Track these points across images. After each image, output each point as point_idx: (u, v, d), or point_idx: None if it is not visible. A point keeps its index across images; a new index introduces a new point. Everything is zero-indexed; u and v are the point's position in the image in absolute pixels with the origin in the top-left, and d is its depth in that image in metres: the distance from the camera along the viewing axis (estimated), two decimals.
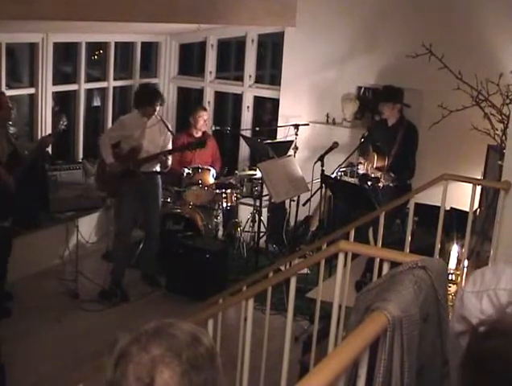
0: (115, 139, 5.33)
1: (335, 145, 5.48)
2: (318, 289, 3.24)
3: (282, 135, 6.48)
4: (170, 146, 5.49)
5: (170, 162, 5.47)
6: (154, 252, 5.60)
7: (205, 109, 6.49)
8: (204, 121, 6.34)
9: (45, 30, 5.77)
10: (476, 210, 4.59)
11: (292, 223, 6.20)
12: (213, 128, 6.87)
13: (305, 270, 5.15)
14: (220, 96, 7.58)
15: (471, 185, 3.51)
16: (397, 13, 5.87)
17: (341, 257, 2.46)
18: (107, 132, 5.62)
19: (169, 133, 5.42)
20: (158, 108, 5.29)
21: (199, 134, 6.31)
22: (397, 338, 1.66)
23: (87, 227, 6.04)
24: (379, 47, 6.00)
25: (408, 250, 3.50)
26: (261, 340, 3.02)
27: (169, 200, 6.14)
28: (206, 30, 6.89)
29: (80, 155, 6.54)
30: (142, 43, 7.09)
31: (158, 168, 5.44)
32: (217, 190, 6.04)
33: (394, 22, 5.89)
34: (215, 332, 2.98)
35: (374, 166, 5.41)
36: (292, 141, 6.12)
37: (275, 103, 6.90)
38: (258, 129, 6.78)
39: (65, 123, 5.06)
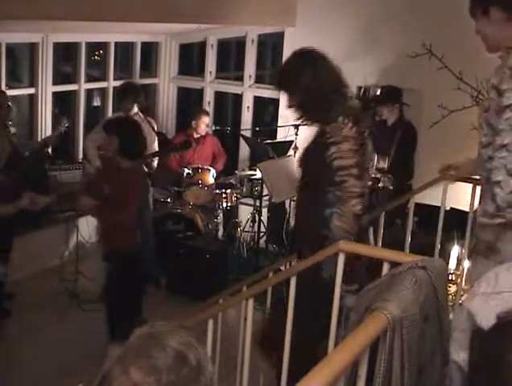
0: (98, 141, 5.33)
1: None
2: None
3: (282, 135, 6.48)
4: (156, 146, 5.49)
5: (155, 164, 5.46)
6: (151, 252, 5.57)
7: (207, 114, 6.50)
8: (206, 125, 6.36)
9: (45, 30, 5.77)
10: (477, 209, 4.58)
11: (292, 223, 6.19)
12: (213, 128, 6.88)
13: None
14: (220, 96, 7.58)
15: (471, 185, 3.51)
16: (397, 13, 5.87)
17: (341, 257, 2.46)
18: (89, 135, 5.54)
19: (154, 133, 5.41)
20: (134, 104, 5.29)
21: (198, 136, 6.32)
22: (397, 338, 1.66)
23: (87, 227, 6.03)
24: (379, 47, 6.00)
25: (408, 250, 3.50)
26: None
27: (169, 200, 6.15)
28: (206, 30, 6.89)
29: (80, 155, 6.54)
30: (142, 43, 7.09)
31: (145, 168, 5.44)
32: (217, 190, 6.04)
33: (394, 22, 5.88)
34: (215, 332, 2.98)
35: (375, 166, 5.40)
36: (292, 141, 6.12)
37: (275, 103, 6.90)
38: (258, 129, 6.78)
39: (66, 125, 5.08)
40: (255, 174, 6.19)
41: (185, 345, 1.17)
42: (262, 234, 6.04)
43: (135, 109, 5.33)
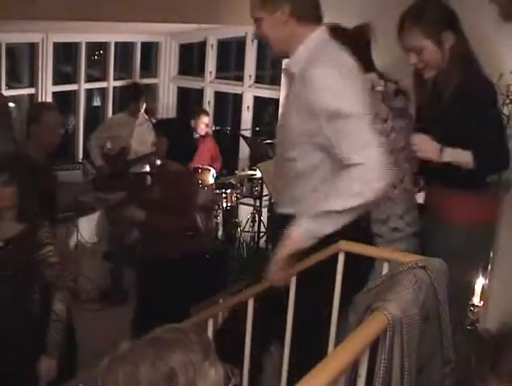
0: (103, 140, 5.32)
1: None
2: None
3: None
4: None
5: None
6: None
7: (207, 114, 6.50)
8: (206, 125, 6.35)
9: (45, 30, 5.76)
10: None
11: None
12: (213, 128, 6.88)
13: None
14: (220, 96, 7.58)
15: None
16: (396, 12, 5.86)
17: (341, 257, 2.45)
18: (94, 133, 5.58)
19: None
20: (142, 105, 5.31)
21: (197, 136, 6.31)
22: (397, 338, 1.66)
23: (87, 227, 6.03)
24: (378, 47, 5.93)
25: None
26: None
27: None
28: (206, 30, 6.89)
29: (80, 155, 6.54)
30: (142, 43, 7.09)
31: (148, 168, 5.44)
32: (217, 190, 6.04)
33: (394, 22, 5.87)
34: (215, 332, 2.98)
35: None
36: None
37: (275, 103, 6.90)
38: (258, 129, 6.78)
39: (73, 123, 5.10)
40: (255, 174, 6.18)
41: (182, 363, 1.14)
42: (262, 234, 6.03)
43: (141, 109, 5.35)
